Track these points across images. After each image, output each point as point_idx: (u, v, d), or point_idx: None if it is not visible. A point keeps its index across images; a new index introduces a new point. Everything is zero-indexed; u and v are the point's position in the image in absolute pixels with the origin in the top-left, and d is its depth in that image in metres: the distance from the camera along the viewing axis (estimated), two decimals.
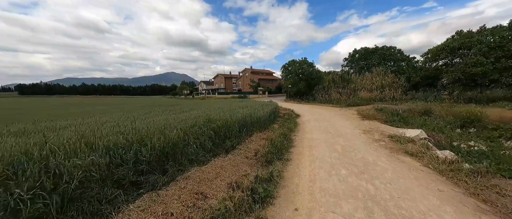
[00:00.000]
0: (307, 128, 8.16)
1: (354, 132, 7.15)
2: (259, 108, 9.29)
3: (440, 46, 18.86)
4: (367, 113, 12.25)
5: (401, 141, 5.60)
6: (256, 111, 8.52)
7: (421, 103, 12.29)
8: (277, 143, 5.05)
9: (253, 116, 7.02)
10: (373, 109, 13.90)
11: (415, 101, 15.99)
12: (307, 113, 13.54)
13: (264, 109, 9.37)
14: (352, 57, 38.55)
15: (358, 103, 18.13)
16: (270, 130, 7.03)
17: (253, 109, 9.06)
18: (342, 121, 9.79)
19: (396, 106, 13.33)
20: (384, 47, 35.90)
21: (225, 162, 3.83)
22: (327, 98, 24.15)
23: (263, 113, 8.13)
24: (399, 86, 18.71)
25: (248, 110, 8.23)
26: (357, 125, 8.43)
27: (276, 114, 10.89)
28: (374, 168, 3.89)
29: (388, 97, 17.92)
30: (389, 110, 12.72)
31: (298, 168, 3.97)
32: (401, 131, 7.11)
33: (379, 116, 10.41)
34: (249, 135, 5.89)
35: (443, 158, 4.26)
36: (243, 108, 9.09)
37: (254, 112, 7.97)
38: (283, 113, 12.33)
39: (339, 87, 25.47)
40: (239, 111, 7.92)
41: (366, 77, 24.84)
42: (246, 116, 6.60)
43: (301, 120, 10.51)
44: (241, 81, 67.25)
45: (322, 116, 11.97)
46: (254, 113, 7.72)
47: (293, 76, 30.18)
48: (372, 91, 20.82)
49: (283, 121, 9.43)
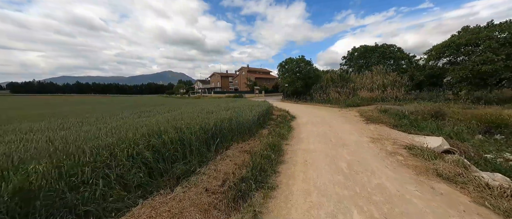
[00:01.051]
0: (303, 133, 6.80)
1: (361, 140, 5.80)
2: (246, 110, 7.91)
3: (445, 42, 17.66)
4: (371, 114, 10.95)
5: (425, 155, 4.27)
6: (242, 113, 7.13)
7: (430, 104, 11.03)
8: (261, 161, 3.67)
9: (234, 120, 5.61)
10: (376, 110, 12.62)
11: (420, 101, 14.77)
12: (304, 114, 12.20)
13: (254, 111, 8.01)
14: (351, 55, 37.38)
15: (359, 103, 16.86)
16: (257, 138, 5.66)
17: (239, 111, 7.67)
18: (344, 124, 8.46)
19: (401, 107, 12.07)
20: (384, 45, 34.81)
21: (159, 209, 2.32)
22: (325, 98, 22.99)
23: (250, 116, 6.74)
24: (401, 85, 17.50)
25: (230, 113, 6.83)
26: (362, 130, 7.10)
27: (268, 116, 9.52)
28: (402, 208, 2.53)
29: (391, 97, 16.68)
30: (394, 111, 11.45)
31: (286, 206, 2.60)
32: (418, 139, 5.80)
33: (385, 118, 9.10)
34: (225, 148, 4.47)
35: (497, 186, 2.94)
36: (227, 110, 7.70)
37: (239, 115, 6.58)
38: (276, 115, 10.96)
39: (338, 86, 24.27)
40: (221, 113, 6.54)
41: (366, 76, 23.64)
42: (223, 121, 5.17)
43: (296, 122, 9.16)
44: (237, 80, 65.74)
45: (321, 118, 10.64)
46: (238, 115, 6.33)
47: (290, 75, 28.85)
48: (373, 90, 19.59)
49: (275, 124, 8.06)
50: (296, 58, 29.64)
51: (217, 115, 6.25)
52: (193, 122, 4.76)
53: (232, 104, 12.40)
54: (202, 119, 5.19)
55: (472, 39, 16.48)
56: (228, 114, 6.55)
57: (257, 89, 46.51)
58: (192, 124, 4.29)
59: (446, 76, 18.14)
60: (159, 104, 17.08)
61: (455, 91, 16.77)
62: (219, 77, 71.94)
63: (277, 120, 9.08)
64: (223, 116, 5.93)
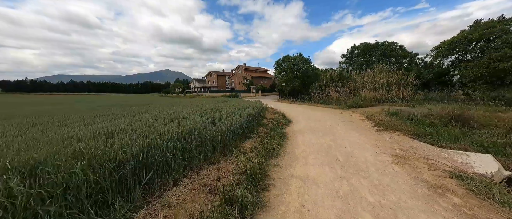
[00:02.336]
0: (299, 147, 5.15)
1: (381, 161, 4.14)
2: (230, 114, 6.23)
3: (455, 37, 16.12)
4: (379, 118, 9.32)
5: (495, 193, 2.64)
6: (223, 118, 5.46)
7: (449, 107, 9.46)
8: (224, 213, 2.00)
9: (204, 132, 3.91)
10: (383, 112, 11.02)
11: (430, 102, 13.22)
12: (301, 118, 10.55)
13: (239, 114, 6.34)
14: (351, 53, 35.89)
15: (362, 104, 15.28)
16: (236, 156, 3.99)
17: (219, 115, 5.98)
18: (350, 131, 6.82)
19: (412, 110, 10.47)
20: (385, 42, 33.38)
21: None
22: (324, 98, 21.48)
23: (230, 122, 5.05)
24: (408, 84, 15.96)
25: (206, 118, 5.12)
26: (376, 142, 5.46)
27: (257, 121, 7.83)
28: None
29: (397, 98, 15.11)
30: (405, 114, 9.86)
31: None
32: (459, 159, 4.18)
33: (400, 124, 7.49)
34: (172, 182, 2.74)
35: None
36: (203, 115, 5.98)
37: (214, 122, 4.89)
38: (269, 119, 9.27)
39: (337, 85, 22.72)
40: (191, 121, 4.84)
41: (368, 75, 22.08)
42: (181, 134, 3.44)
43: (292, 129, 7.50)
44: (234, 79, 63.91)
45: (321, 122, 9.00)
46: (212, 123, 4.65)
47: (287, 73, 27.23)
48: (376, 90, 18.02)
49: (265, 133, 6.40)
50: (293, 56, 28.01)
51: (187, 122, 4.56)
52: (131, 137, 3.05)
53: (220, 106, 10.69)
54: (156, 130, 3.50)
55: (485, 34, 14.98)
56: (201, 121, 4.85)
57: (254, 89, 44.82)
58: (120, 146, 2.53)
59: (455, 75, 16.65)
60: (147, 104, 15.32)
61: (466, 91, 15.25)
62: (215, 76, 70.13)
63: (268, 126, 7.39)
64: (192, 124, 4.25)
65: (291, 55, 28.60)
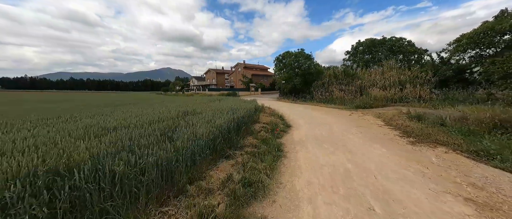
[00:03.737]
0: (301, 176, 3.33)
1: (451, 214, 2.35)
2: (200, 121, 4.45)
3: (479, 29, 14.17)
4: (402, 123, 7.46)
5: None
6: (190, 125, 3.68)
7: (489, 109, 7.61)
8: None
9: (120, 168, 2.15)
10: (403, 115, 9.18)
11: (453, 103, 11.36)
12: (303, 121, 8.74)
13: (217, 121, 4.57)
14: (355, 50, 33.85)
15: (371, 104, 13.42)
16: (188, 203, 2.24)
17: (193, 119, 4.20)
18: (372, 144, 4.99)
19: (439, 112, 8.61)
20: (392, 38, 31.32)
21: None
22: (327, 96, 19.66)
23: (200, 134, 3.28)
24: (424, 82, 14.07)
25: (157, 127, 3.35)
26: (419, 165, 3.59)
27: (247, 127, 6.02)
28: None
29: (412, 97, 13.22)
30: (431, 117, 8.01)
31: None
32: None
33: (433, 132, 5.64)
34: None
35: None
36: (162, 122, 4.20)
37: (180, 129, 3.12)
38: (264, 123, 7.46)
39: (342, 84, 20.86)
40: (125, 133, 3.07)
41: (376, 72, 20.18)
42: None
43: (291, 137, 5.72)
44: (233, 77, 62.00)
45: (327, 127, 7.19)
46: (165, 137, 2.89)
47: (288, 71, 25.37)
48: (386, 88, 16.16)
49: (255, 145, 4.62)
50: (294, 52, 26.10)
51: (119, 135, 2.79)
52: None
53: (205, 107, 8.91)
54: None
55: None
56: (150, 134, 3.08)
57: (253, 87, 42.96)
58: None
59: (475, 72, 14.73)
60: (135, 103, 13.62)
61: (489, 90, 13.32)
62: (214, 74, 68.30)
63: (260, 135, 5.58)
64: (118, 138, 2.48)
65: (292, 51, 26.70)
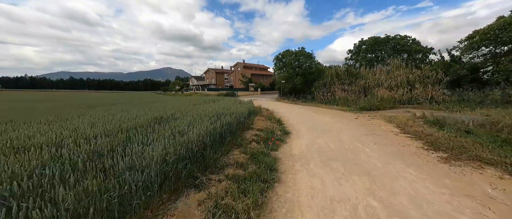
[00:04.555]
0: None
1: None
2: (173, 133, 3.44)
3: (494, 24, 13.07)
4: (422, 131, 6.39)
5: None
6: (150, 140, 2.67)
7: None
8: None
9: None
10: (418, 119, 8.12)
11: (469, 104, 10.30)
12: (304, 126, 7.70)
13: (201, 127, 3.54)
14: (358, 48, 32.74)
15: (378, 106, 12.37)
16: None
17: (160, 129, 3.19)
18: (395, 163, 3.88)
19: (459, 116, 7.55)
20: (397, 36, 30.19)
21: None
22: (329, 97, 18.64)
23: (155, 157, 2.27)
24: (436, 82, 12.98)
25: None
26: (476, 205, 2.44)
27: (236, 134, 4.99)
28: None
29: (423, 98, 12.14)
30: (451, 121, 6.95)
31: None
32: None
33: (466, 143, 4.61)
34: None
35: None
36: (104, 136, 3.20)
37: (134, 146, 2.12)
38: (259, 129, 6.43)
39: (344, 83, 19.81)
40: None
41: (381, 71, 19.09)
42: None
43: (289, 151, 4.70)
44: (232, 76, 60.97)
45: (334, 135, 6.16)
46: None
47: (288, 70, 24.28)
48: (393, 89, 15.09)
49: (242, 163, 3.60)
50: (295, 51, 25.00)
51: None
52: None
53: (191, 109, 7.90)
54: None
55: None
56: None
57: (252, 87, 41.91)
58: None
59: (489, 71, 13.62)
60: (105, 104, 12.61)
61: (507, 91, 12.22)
62: (214, 74, 67.32)
63: (250, 147, 4.56)
64: None
65: (292, 50, 25.60)
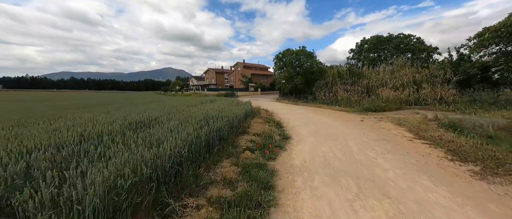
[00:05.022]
0: None
1: None
2: (146, 144, 2.81)
3: (508, 20, 12.34)
4: (439, 136, 5.70)
5: None
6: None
7: None
8: None
9: None
10: (431, 122, 7.44)
11: (482, 105, 9.61)
12: (305, 130, 7.04)
13: (182, 135, 2.90)
14: (360, 47, 32.00)
15: (383, 107, 11.69)
16: None
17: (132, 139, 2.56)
18: (420, 180, 3.15)
19: (477, 119, 6.86)
20: (400, 35, 29.45)
21: None
22: (331, 97, 17.98)
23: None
24: (444, 81, 12.27)
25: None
26: None
27: (227, 141, 4.34)
28: None
29: (432, 99, 11.44)
30: (468, 125, 6.27)
31: None
32: None
33: (502, 154, 3.93)
34: None
35: None
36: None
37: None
38: (255, 133, 5.78)
39: (347, 83, 19.14)
40: None
41: (385, 71, 18.40)
42: None
43: (289, 161, 4.06)
44: (233, 76, 60.35)
45: (341, 142, 5.51)
46: None
47: (288, 70, 23.62)
48: (398, 89, 14.40)
49: (231, 180, 2.96)
50: (295, 50, 24.30)
51: None
52: None
53: (183, 111, 7.27)
54: None
55: None
56: None
57: (252, 87, 41.26)
58: None
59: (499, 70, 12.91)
60: (89, 106, 11.98)
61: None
62: (213, 74, 66.74)
63: (243, 157, 3.91)
64: None
65: (292, 49, 24.89)
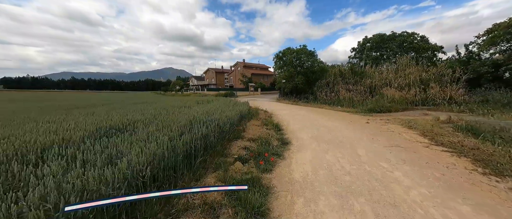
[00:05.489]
0: None
1: None
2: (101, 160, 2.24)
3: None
4: (462, 143, 5.06)
5: None
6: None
7: None
8: None
9: None
10: (444, 125, 6.79)
11: (498, 106, 8.96)
12: (307, 135, 6.42)
13: (151, 146, 2.32)
14: (362, 46, 31.30)
15: (389, 107, 11.06)
16: None
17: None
18: (456, 206, 2.59)
19: (497, 122, 6.21)
20: (404, 33, 28.70)
21: None
22: (333, 97, 17.37)
23: None
24: (453, 80, 11.61)
25: None
26: None
27: (215, 149, 3.74)
28: None
29: (440, 99, 10.79)
30: (488, 128, 5.63)
31: None
32: None
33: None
34: None
35: None
36: None
37: None
38: (250, 138, 5.17)
39: (349, 83, 18.50)
40: None
41: (389, 70, 17.76)
42: None
43: (288, 175, 3.45)
44: (232, 76, 59.77)
45: (349, 150, 4.89)
46: None
47: (288, 69, 22.99)
48: (403, 89, 13.76)
49: (213, 204, 2.37)
50: (296, 48, 23.65)
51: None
52: None
53: (172, 112, 6.67)
54: None
55: None
56: None
57: (252, 87, 40.66)
58: None
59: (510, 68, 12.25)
60: (83, 107, 11.39)
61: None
62: (213, 74, 66.17)
63: (232, 170, 3.30)
64: None
65: (293, 48, 24.23)
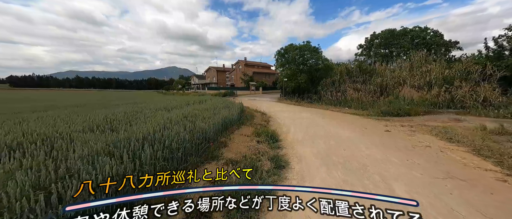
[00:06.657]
0: None
1: None
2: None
3: None
4: None
5: None
6: None
7: None
8: None
9: None
10: (495, 136, 5.18)
11: None
12: (314, 151, 4.89)
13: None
14: (370, 43, 29.41)
15: (408, 110, 9.40)
16: None
17: None
18: None
19: None
20: (416, 28, 26.72)
21: None
22: (340, 97, 15.81)
23: None
24: (484, 79, 9.88)
25: None
26: None
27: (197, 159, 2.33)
28: None
29: (471, 100, 9.07)
30: None
31: None
32: None
33: None
34: None
35: None
36: None
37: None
38: (230, 159, 3.71)
39: (357, 82, 16.87)
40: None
41: (403, 67, 16.05)
42: None
43: None
44: (234, 75, 58.34)
45: (378, 181, 3.41)
46: None
47: (291, 67, 21.40)
48: (421, 88, 12.08)
49: None
50: (299, 45, 21.94)
51: None
52: None
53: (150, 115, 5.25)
54: None
55: None
56: None
57: (253, 86, 39.14)
58: None
59: None
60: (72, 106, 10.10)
61: None
62: (215, 72, 64.90)
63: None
64: None
65: (296, 44, 22.54)
